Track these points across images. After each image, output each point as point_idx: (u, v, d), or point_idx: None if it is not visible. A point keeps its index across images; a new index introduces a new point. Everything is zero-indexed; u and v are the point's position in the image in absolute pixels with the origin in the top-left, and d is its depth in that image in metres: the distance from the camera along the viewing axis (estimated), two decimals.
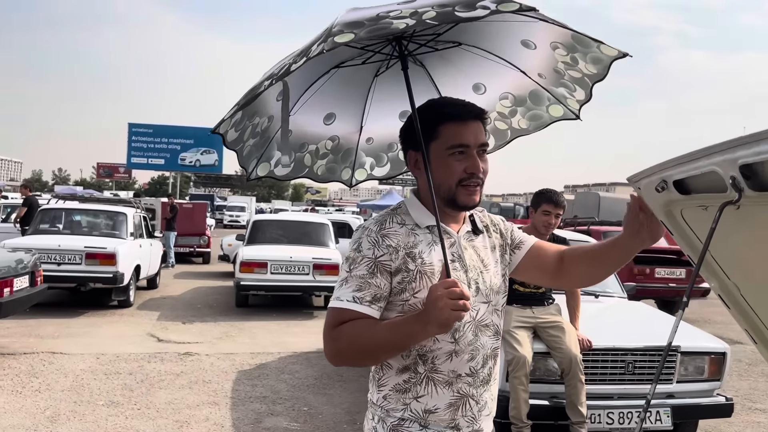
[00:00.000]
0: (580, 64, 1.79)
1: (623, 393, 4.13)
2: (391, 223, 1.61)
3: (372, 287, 1.54)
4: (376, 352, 1.55)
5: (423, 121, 1.61)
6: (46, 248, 8.69)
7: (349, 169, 2.08)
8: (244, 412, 5.08)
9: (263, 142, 1.90)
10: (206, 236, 17.02)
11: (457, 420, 1.58)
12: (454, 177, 1.58)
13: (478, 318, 1.61)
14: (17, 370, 5.97)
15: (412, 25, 1.39)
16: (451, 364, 1.57)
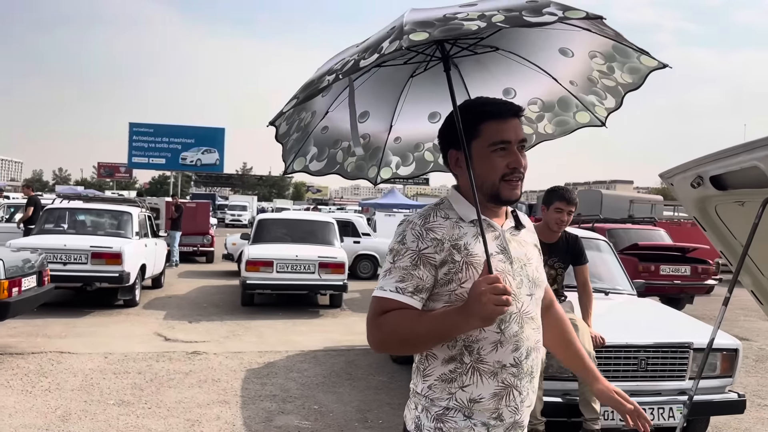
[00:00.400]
0: (616, 73, 1.82)
1: (636, 390, 4.12)
2: (435, 216, 1.64)
3: (414, 278, 1.58)
4: (417, 342, 1.60)
5: (463, 121, 1.65)
6: (52, 248, 8.68)
7: (375, 167, 2.12)
8: (254, 411, 5.08)
9: (303, 136, 1.95)
10: (210, 235, 17.02)
11: (500, 410, 1.61)
12: (498, 173, 1.64)
13: (523, 310, 1.64)
14: (26, 369, 5.97)
15: (483, 27, 1.42)
16: (497, 354, 1.60)
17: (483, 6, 1.51)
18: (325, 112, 1.93)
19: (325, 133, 1.98)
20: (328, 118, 1.95)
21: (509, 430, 1.64)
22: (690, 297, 10.87)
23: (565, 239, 4.18)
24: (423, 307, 1.60)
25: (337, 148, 2.04)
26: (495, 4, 1.53)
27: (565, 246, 4.17)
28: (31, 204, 11.59)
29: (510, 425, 1.64)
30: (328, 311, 10.16)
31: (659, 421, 4.08)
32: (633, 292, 5.41)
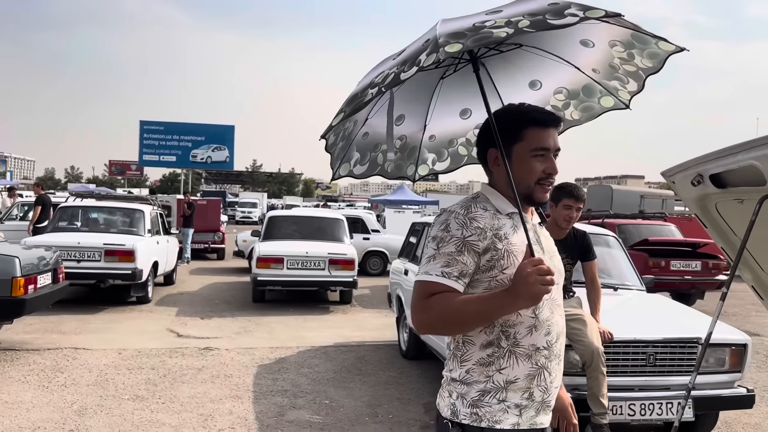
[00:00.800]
0: (636, 59, 1.91)
1: (645, 385, 4.15)
2: (476, 207, 1.75)
3: (459, 264, 1.68)
4: (464, 322, 1.69)
5: (508, 124, 1.76)
6: (66, 245, 8.81)
7: (412, 165, 2.24)
8: (266, 406, 5.15)
9: (347, 144, 2.11)
10: (221, 232, 17.15)
11: (532, 389, 1.72)
12: (534, 176, 1.76)
13: (553, 297, 1.76)
14: (42, 365, 6.08)
15: (511, 33, 1.51)
16: (531, 338, 1.71)
17: (508, 12, 1.60)
18: (365, 120, 2.06)
19: (366, 139, 2.13)
20: (368, 125, 2.09)
21: (540, 410, 1.74)
22: (701, 292, 10.83)
23: (573, 235, 4.21)
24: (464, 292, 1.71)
25: (378, 151, 2.18)
26: (519, 9, 1.61)
27: (573, 242, 4.20)
28: (39, 203, 11.73)
29: (540, 405, 1.74)
30: (339, 307, 10.23)
31: (667, 415, 4.11)
32: (642, 287, 5.43)
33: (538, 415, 1.74)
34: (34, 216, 11.53)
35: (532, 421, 1.72)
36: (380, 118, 2.06)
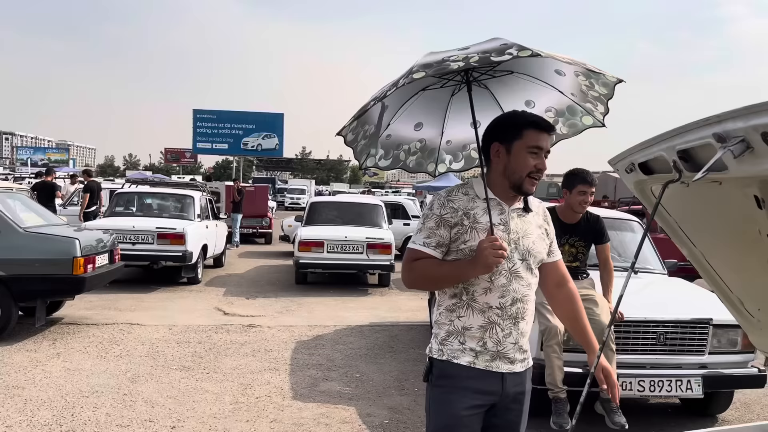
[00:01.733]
0: (596, 87, 2.35)
1: (655, 363, 4.34)
2: (457, 192, 2.21)
3: (437, 236, 2.15)
4: (438, 281, 2.21)
5: (510, 125, 2.18)
6: (122, 229, 9.40)
7: (433, 164, 2.68)
8: (301, 377, 5.53)
9: (371, 143, 2.53)
10: (268, 218, 17.74)
11: (485, 339, 2.14)
12: (527, 169, 2.14)
13: (512, 269, 2.14)
14: (100, 338, 6.62)
15: (462, 66, 2.01)
16: (486, 297, 2.13)
17: (471, 50, 2.07)
18: (387, 125, 2.52)
19: (389, 140, 2.58)
20: (390, 129, 2.54)
21: (495, 358, 2.14)
22: None
23: (587, 219, 4.41)
24: (443, 258, 2.17)
25: (399, 150, 2.62)
26: (478, 48, 2.07)
27: (586, 226, 4.40)
28: (88, 190, 12.44)
29: (494, 354, 2.14)
30: (377, 290, 10.59)
31: (677, 392, 4.29)
32: (664, 271, 5.56)
33: (494, 361, 2.14)
34: (84, 202, 12.24)
35: (488, 364, 2.14)
36: (399, 125, 2.54)
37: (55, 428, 4.17)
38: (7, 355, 5.83)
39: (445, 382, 2.18)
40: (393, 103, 2.45)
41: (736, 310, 1.83)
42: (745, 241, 1.47)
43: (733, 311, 1.85)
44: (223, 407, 4.72)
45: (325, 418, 4.57)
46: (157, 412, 4.54)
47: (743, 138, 1.17)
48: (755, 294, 1.67)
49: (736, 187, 1.34)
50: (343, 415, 4.66)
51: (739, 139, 1.18)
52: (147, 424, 4.31)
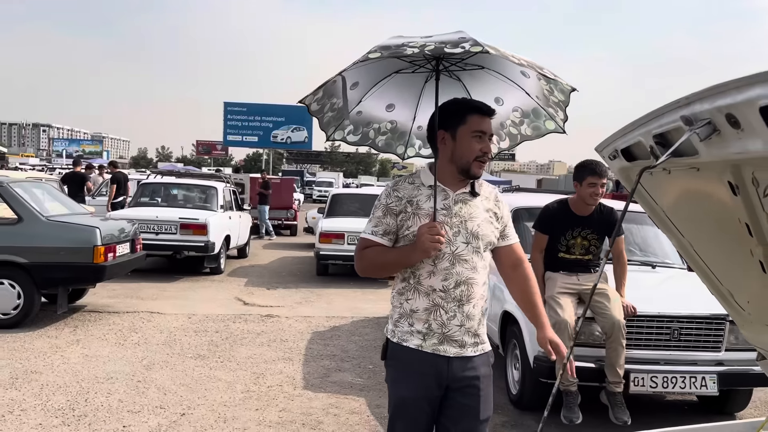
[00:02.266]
0: (555, 93, 2.42)
1: (670, 359, 4.24)
2: (403, 182, 2.31)
3: (383, 224, 2.25)
4: (386, 268, 2.33)
5: (455, 111, 2.24)
6: (146, 219, 9.55)
7: (402, 146, 2.72)
8: (314, 368, 5.55)
9: (339, 116, 2.56)
10: (293, 210, 17.85)
11: (430, 321, 2.22)
12: (473, 154, 2.21)
13: (456, 252, 2.21)
14: (120, 326, 6.74)
15: (417, 53, 2.07)
16: (430, 280, 2.22)
17: (431, 39, 2.10)
18: (359, 101, 2.54)
19: (359, 116, 2.60)
20: (362, 106, 2.57)
21: (442, 341, 2.22)
22: None
23: (600, 211, 4.32)
24: (394, 245, 2.26)
25: (369, 128, 2.65)
26: (438, 38, 2.10)
27: (599, 218, 4.32)
28: (114, 181, 12.66)
29: (441, 336, 2.22)
30: None
31: (691, 389, 4.19)
32: (683, 266, 5.43)
33: (442, 345, 2.22)
34: (111, 193, 12.46)
35: (435, 347, 2.22)
36: (372, 102, 2.57)
37: (68, 413, 4.25)
38: (29, 340, 5.96)
39: (396, 363, 2.29)
40: (365, 81, 2.48)
41: (727, 303, 1.76)
42: (728, 230, 1.41)
43: (724, 304, 1.79)
44: (233, 395, 4.76)
45: (334, 408, 4.58)
46: (169, 399, 4.60)
47: (709, 120, 1.11)
48: (743, 286, 1.61)
49: (712, 173, 1.28)
50: (352, 405, 4.66)
51: (705, 121, 1.12)
52: (157, 411, 4.37)
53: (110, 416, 4.23)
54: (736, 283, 1.64)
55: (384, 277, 2.36)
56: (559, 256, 4.35)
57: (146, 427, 4.09)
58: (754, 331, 1.71)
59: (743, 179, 1.19)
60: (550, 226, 4.35)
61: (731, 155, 1.11)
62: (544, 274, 4.39)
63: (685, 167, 1.39)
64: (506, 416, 4.58)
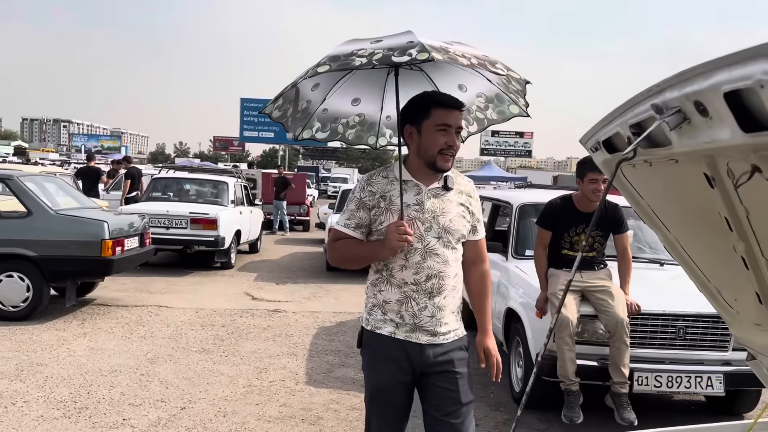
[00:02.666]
0: (512, 82, 2.49)
1: (674, 358, 4.16)
2: (377, 176, 2.34)
3: (356, 218, 2.30)
4: (356, 261, 2.41)
5: (420, 105, 2.26)
6: (156, 213, 9.60)
7: (373, 137, 2.77)
8: (318, 363, 5.54)
9: (305, 116, 2.61)
10: (306, 205, 17.87)
11: (402, 312, 2.28)
12: (437, 147, 2.23)
13: (428, 247, 2.25)
14: (128, 319, 6.78)
15: (365, 63, 2.09)
16: (402, 273, 2.27)
17: (380, 44, 2.14)
18: (322, 100, 2.60)
19: (325, 113, 2.65)
20: (326, 104, 2.62)
21: (414, 330, 2.27)
22: None
23: (604, 208, 4.25)
24: (366, 238, 2.32)
25: (337, 123, 2.69)
26: (387, 43, 2.14)
27: (603, 215, 4.24)
28: (128, 177, 12.75)
29: (412, 326, 2.27)
30: None
31: (697, 389, 4.11)
32: None
33: (414, 333, 2.27)
34: (125, 188, 12.55)
35: (407, 335, 2.27)
36: (337, 100, 2.62)
37: (69, 405, 4.28)
38: (37, 333, 6.01)
39: (370, 351, 2.35)
40: (325, 82, 2.53)
41: (715, 301, 1.70)
42: (711, 225, 1.35)
43: (712, 302, 1.73)
44: (235, 390, 4.76)
45: (334, 404, 4.56)
46: (170, 393, 4.61)
47: (679, 108, 1.06)
48: (730, 283, 1.55)
49: (690, 165, 1.23)
50: (353, 401, 4.63)
51: (675, 109, 1.07)
52: (158, 404, 4.38)
53: (111, 409, 4.24)
54: (723, 280, 1.58)
55: (354, 269, 2.44)
56: (563, 253, 4.29)
57: (146, 420, 4.09)
58: (743, 330, 1.65)
59: (719, 171, 1.14)
60: (553, 222, 4.28)
61: (702, 145, 1.06)
62: (547, 271, 4.33)
63: (664, 159, 1.34)
64: (508, 414, 4.54)
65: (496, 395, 4.86)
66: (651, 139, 1.26)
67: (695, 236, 1.55)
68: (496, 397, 4.82)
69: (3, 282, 6.36)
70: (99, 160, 16.73)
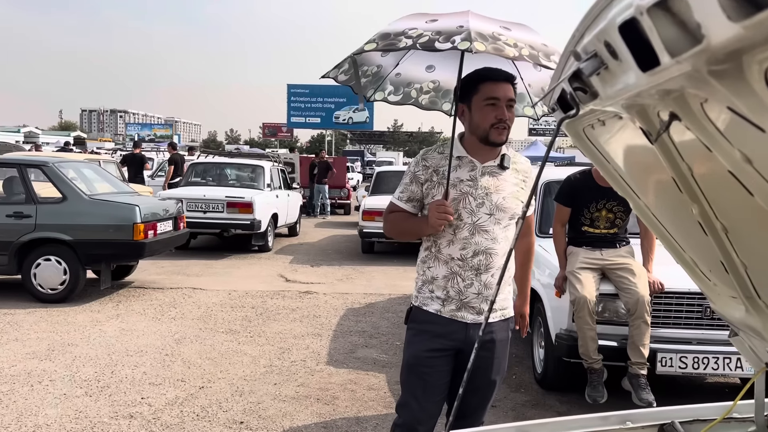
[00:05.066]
0: None
1: (701, 338, 3.97)
2: (433, 152, 2.38)
3: (408, 191, 2.36)
4: (405, 234, 2.45)
5: (469, 81, 2.26)
6: (194, 198, 9.77)
7: (448, 103, 2.77)
8: (341, 344, 5.53)
9: (376, 79, 2.69)
10: (346, 189, 17.90)
11: (448, 288, 2.31)
12: (488, 121, 2.22)
13: (477, 223, 2.27)
14: (161, 301, 6.92)
15: (410, 45, 2.13)
16: (449, 249, 2.29)
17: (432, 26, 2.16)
18: (395, 65, 2.66)
19: (398, 78, 2.70)
20: (400, 68, 2.67)
21: (460, 308, 2.30)
22: None
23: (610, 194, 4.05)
24: (419, 213, 2.36)
25: (411, 87, 2.73)
26: (440, 24, 2.17)
27: None
28: (172, 162, 12.99)
29: (459, 303, 2.30)
30: None
31: (724, 370, 3.91)
32: None
33: (460, 311, 2.30)
34: (168, 174, 12.82)
35: (453, 313, 2.30)
36: (410, 65, 2.66)
37: (92, 384, 4.38)
38: (72, 315, 6.20)
39: (414, 325, 2.39)
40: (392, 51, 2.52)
41: (693, 273, 1.57)
42: (666, 187, 1.24)
43: (691, 275, 1.60)
44: (255, 369, 4.79)
45: (352, 384, 4.54)
46: (192, 373, 4.68)
47: (595, 52, 0.96)
48: (701, 253, 1.43)
49: (628, 119, 1.12)
50: (371, 381, 4.61)
51: (591, 53, 0.97)
52: (178, 383, 4.45)
53: (131, 388, 4.33)
54: (695, 250, 1.46)
55: (406, 240, 2.53)
56: (583, 230, 4.13)
57: (163, 399, 4.16)
58: (722, 304, 1.52)
59: (652, 122, 1.03)
60: (572, 198, 4.12)
61: (619, 93, 0.95)
62: (566, 248, 4.18)
63: (611, 115, 1.23)
64: (529, 395, 4.43)
65: (518, 376, 4.75)
66: (591, 93, 1.15)
67: (660, 201, 1.43)
68: (518, 378, 4.71)
69: (41, 266, 6.57)
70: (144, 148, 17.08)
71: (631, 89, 0.89)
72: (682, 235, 1.46)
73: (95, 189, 7.17)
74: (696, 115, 0.84)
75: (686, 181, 1.12)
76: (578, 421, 1.73)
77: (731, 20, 0.54)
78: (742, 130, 0.77)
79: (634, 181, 1.46)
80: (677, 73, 0.71)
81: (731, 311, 1.48)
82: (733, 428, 1.71)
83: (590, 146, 1.53)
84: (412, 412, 2.38)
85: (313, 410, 4.06)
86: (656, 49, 0.72)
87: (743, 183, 0.90)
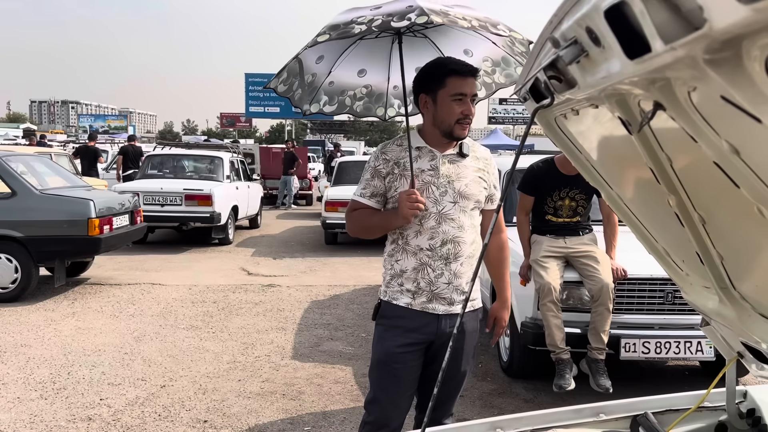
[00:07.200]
0: (516, 44, 2.45)
1: (663, 323, 4.03)
2: (391, 145, 2.35)
3: (371, 186, 2.32)
4: (371, 230, 2.38)
5: (434, 74, 2.23)
6: (150, 191, 9.52)
7: (381, 108, 2.77)
8: (306, 337, 5.46)
9: (311, 90, 2.63)
10: (308, 179, 17.74)
11: (418, 280, 2.28)
12: (454, 117, 2.21)
13: (443, 212, 2.26)
14: (119, 298, 6.73)
15: (365, 30, 2.07)
16: (416, 240, 2.27)
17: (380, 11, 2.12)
18: (328, 72, 2.61)
19: (332, 86, 2.66)
20: (332, 76, 2.63)
21: (431, 299, 2.28)
22: None
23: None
24: (383, 208, 2.32)
25: (344, 95, 2.70)
26: (386, 9, 2.11)
27: None
28: (122, 153, 12.72)
29: (430, 295, 2.27)
30: None
31: (686, 354, 3.99)
32: None
33: (431, 303, 2.28)
34: (119, 166, 12.50)
35: (424, 306, 2.28)
36: (342, 71, 2.62)
37: (48, 386, 4.23)
38: (25, 314, 5.97)
39: (384, 321, 2.34)
40: (330, 53, 2.52)
41: (665, 263, 1.56)
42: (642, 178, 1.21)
43: (663, 265, 1.59)
44: (219, 366, 4.69)
45: (318, 378, 4.48)
46: (152, 371, 4.55)
47: (575, 39, 0.91)
48: (675, 243, 1.41)
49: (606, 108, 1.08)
50: (337, 375, 4.56)
51: (570, 40, 0.92)
52: (138, 383, 4.32)
53: (89, 389, 4.19)
54: (668, 240, 1.44)
55: (370, 238, 2.44)
56: (547, 218, 4.14)
57: (123, 399, 4.04)
58: (695, 294, 1.51)
59: (632, 112, 1.00)
60: (534, 187, 4.13)
61: (602, 82, 0.91)
62: (530, 237, 4.19)
63: (586, 104, 1.19)
64: (495, 384, 4.44)
65: (484, 365, 4.76)
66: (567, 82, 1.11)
67: (634, 192, 1.41)
68: (484, 367, 4.72)
69: None
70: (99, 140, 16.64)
71: (614, 78, 0.85)
72: (655, 226, 1.44)
73: (47, 183, 6.91)
74: (682, 104, 0.81)
75: (665, 172, 1.09)
76: (552, 414, 1.72)
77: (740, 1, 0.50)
78: (732, 120, 0.74)
79: (607, 171, 1.44)
80: (669, 60, 0.67)
81: (704, 301, 1.47)
82: (705, 417, 1.71)
83: (561, 136, 1.49)
84: (383, 408, 2.36)
85: (278, 406, 3.99)
86: (647, 35, 0.68)
87: (728, 174, 0.87)
